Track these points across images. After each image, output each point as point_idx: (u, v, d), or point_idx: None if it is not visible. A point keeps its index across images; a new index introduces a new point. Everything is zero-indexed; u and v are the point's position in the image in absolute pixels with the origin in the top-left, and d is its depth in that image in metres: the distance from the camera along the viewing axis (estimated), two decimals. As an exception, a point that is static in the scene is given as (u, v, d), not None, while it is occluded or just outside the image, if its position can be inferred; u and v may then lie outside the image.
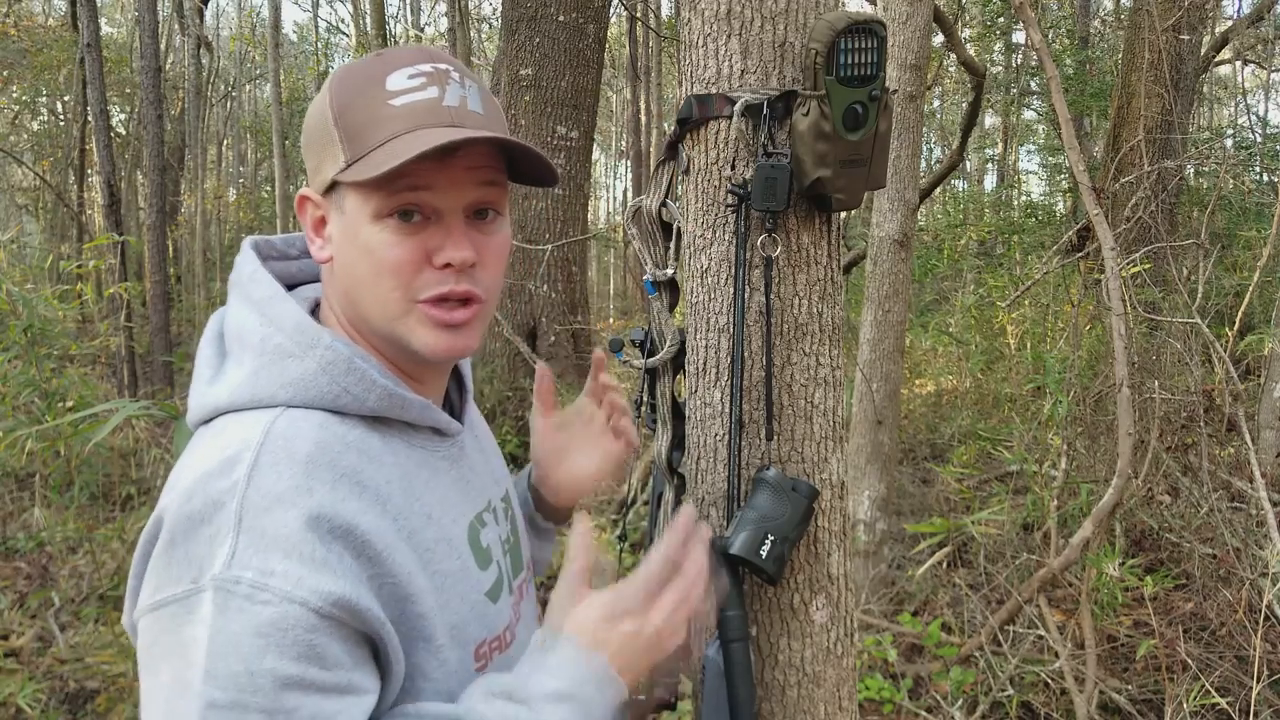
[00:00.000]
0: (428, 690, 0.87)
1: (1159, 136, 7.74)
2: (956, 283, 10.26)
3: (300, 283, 1.01)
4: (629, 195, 21.32)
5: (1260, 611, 3.03)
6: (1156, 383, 4.15)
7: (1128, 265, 4.04)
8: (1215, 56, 10.49)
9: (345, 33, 22.33)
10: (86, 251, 8.74)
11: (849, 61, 1.10)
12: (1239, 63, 16.31)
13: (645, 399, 1.32)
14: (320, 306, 0.97)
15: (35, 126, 18.80)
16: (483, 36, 20.01)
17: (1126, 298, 3.41)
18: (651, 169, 1.31)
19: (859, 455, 4.02)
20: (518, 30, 6.51)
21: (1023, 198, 16.24)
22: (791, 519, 1.13)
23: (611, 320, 18.94)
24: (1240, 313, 4.31)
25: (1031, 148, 19.59)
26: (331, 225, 0.91)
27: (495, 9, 20.75)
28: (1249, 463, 3.56)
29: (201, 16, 14.82)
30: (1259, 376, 5.35)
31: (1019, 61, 15.76)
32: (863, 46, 1.11)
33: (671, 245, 1.30)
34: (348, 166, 0.87)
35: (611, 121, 26.45)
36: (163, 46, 14.62)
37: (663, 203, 1.30)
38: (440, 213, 0.88)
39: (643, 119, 16.75)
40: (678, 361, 1.31)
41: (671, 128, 1.26)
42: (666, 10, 15.82)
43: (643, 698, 1.17)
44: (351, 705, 0.78)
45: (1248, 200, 9.51)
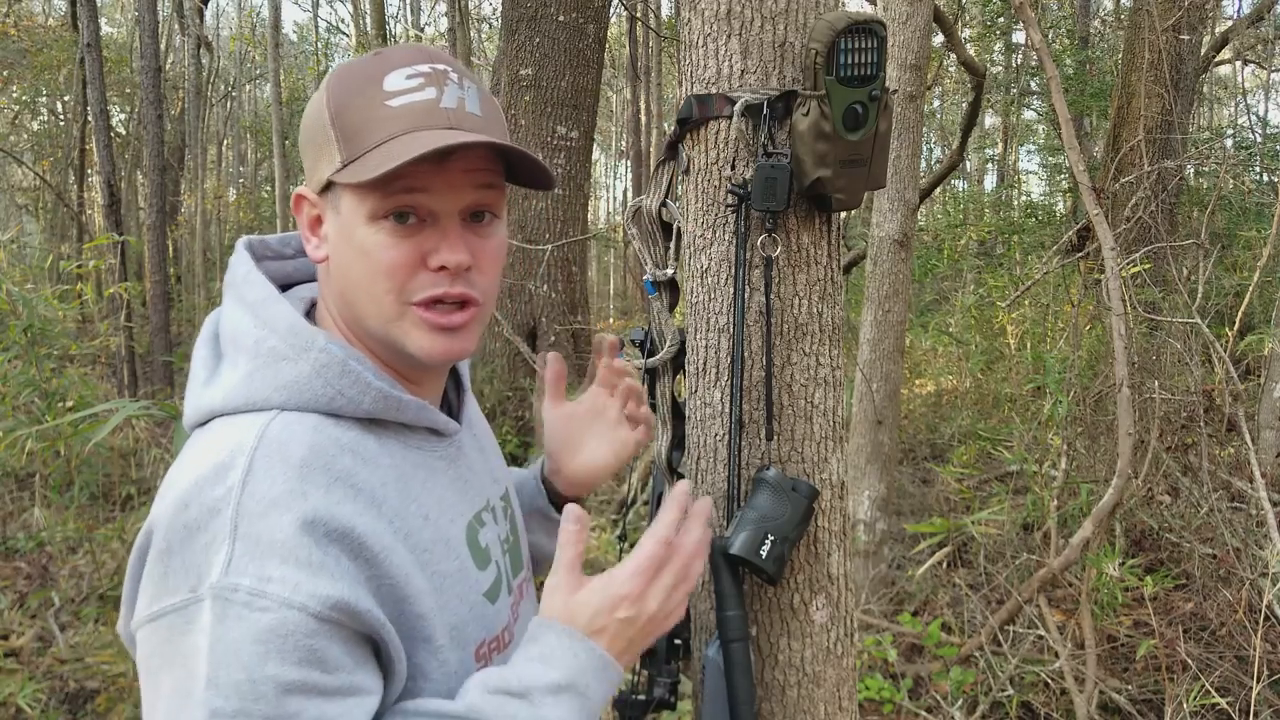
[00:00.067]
0: (428, 691, 0.87)
1: (1159, 136, 7.74)
2: (956, 283, 10.27)
3: (297, 282, 1.01)
4: (629, 195, 21.32)
5: (1260, 611, 3.03)
6: (1156, 383, 4.15)
7: (1128, 265, 4.04)
8: (1215, 56, 10.49)
9: (345, 33, 22.36)
10: (86, 251, 8.74)
11: (849, 61, 1.10)
12: (1239, 63, 16.31)
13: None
14: (316, 306, 0.97)
15: (35, 126, 18.81)
16: (483, 36, 20.02)
17: (1126, 298, 3.41)
18: (651, 169, 1.31)
19: (859, 455, 4.02)
20: (518, 30, 6.51)
21: (1023, 198, 16.24)
22: (791, 519, 1.13)
23: (611, 320, 18.94)
24: (1240, 313, 4.31)
25: (1031, 148, 19.61)
26: (327, 225, 0.91)
27: (495, 9, 20.76)
28: (1249, 463, 3.56)
29: (201, 16, 14.82)
30: (1259, 376, 5.35)
31: (1019, 61, 15.77)
32: (863, 46, 1.11)
33: (671, 245, 1.30)
34: (343, 167, 0.86)
35: (611, 121, 26.45)
36: (163, 46, 14.62)
37: (663, 203, 1.30)
38: (436, 215, 0.88)
39: (643, 119, 16.75)
40: (678, 361, 1.31)
41: (671, 128, 1.26)
42: (666, 10, 15.82)
43: (643, 697, 1.17)
44: (354, 707, 0.78)
45: (1248, 200, 9.51)
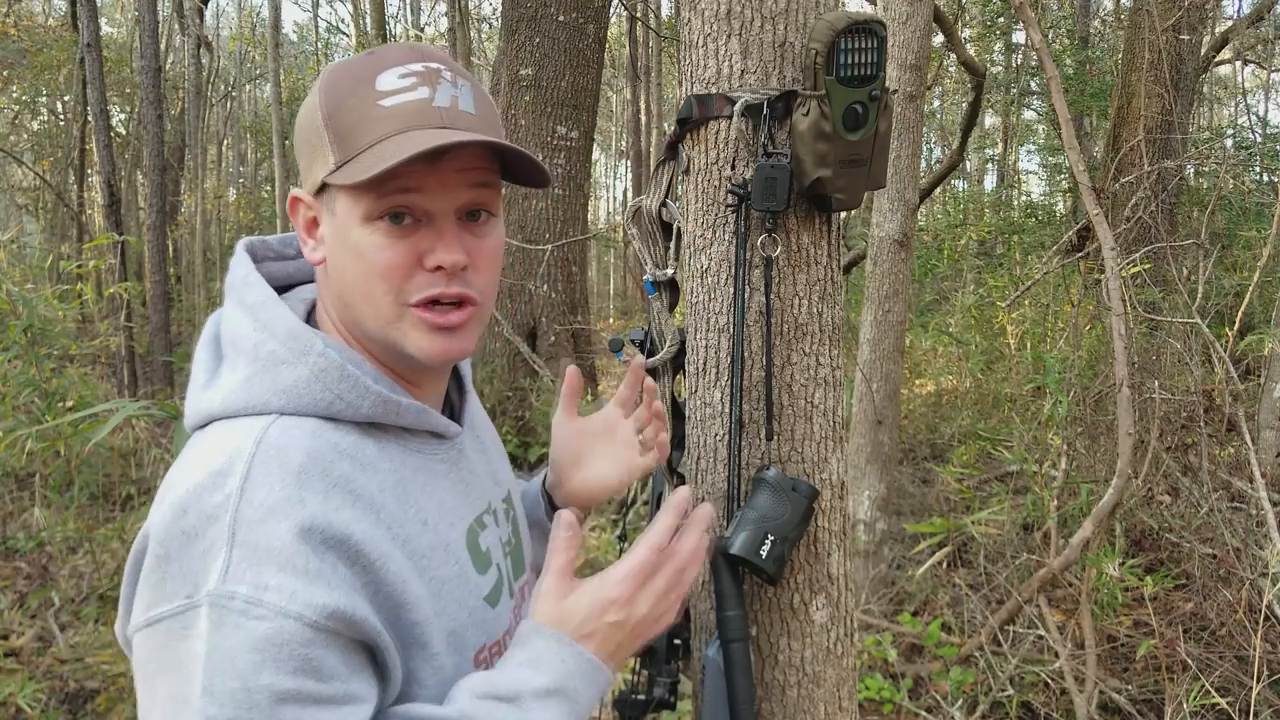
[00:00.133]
0: (421, 696, 0.87)
1: (1159, 136, 7.73)
2: (956, 283, 10.26)
3: (299, 282, 1.01)
4: (629, 195, 21.32)
5: (1260, 611, 3.03)
6: (1156, 383, 4.15)
7: (1128, 265, 4.04)
8: (1215, 56, 10.49)
9: (345, 33, 22.36)
10: (86, 251, 8.74)
11: (849, 61, 1.11)
12: (1239, 63, 16.31)
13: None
14: (316, 308, 0.97)
15: (35, 126, 18.80)
16: (483, 36, 20.02)
17: (1126, 298, 3.41)
18: (651, 169, 1.31)
19: (859, 455, 4.02)
20: (518, 30, 6.51)
21: (1023, 198, 16.24)
22: (791, 519, 1.13)
23: (611, 320, 18.95)
24: (1240, 313, 4.31)
25: (1031, 148, 19.60)
26: (323, 227, 0.91)
27: (495, 9, 20.76)
28: (1249, 463, 3.56)
29: (201, 16, 14.81)
30: (1259, 376, 5.35)
31: (1019, 61, 15.76)
32: (863, 46, 1.11)
33: (671, 245, 1.30)
34: (337, 168, 0.86)
35: (611, 121, 26.45)
36: (163, 46, 14.62)
37: (663, 203, 1.30)
38: (431, 215, 0.87)
39: (643, 119, 16.75)
40: (678, 361, 1.31)
41: (671, 128, 1.26)
42: (666, 10, 15.82)
43: (643, 697, 1.17)
44: (349, 715, 0.78)
45: (1248, 200, 9.50)
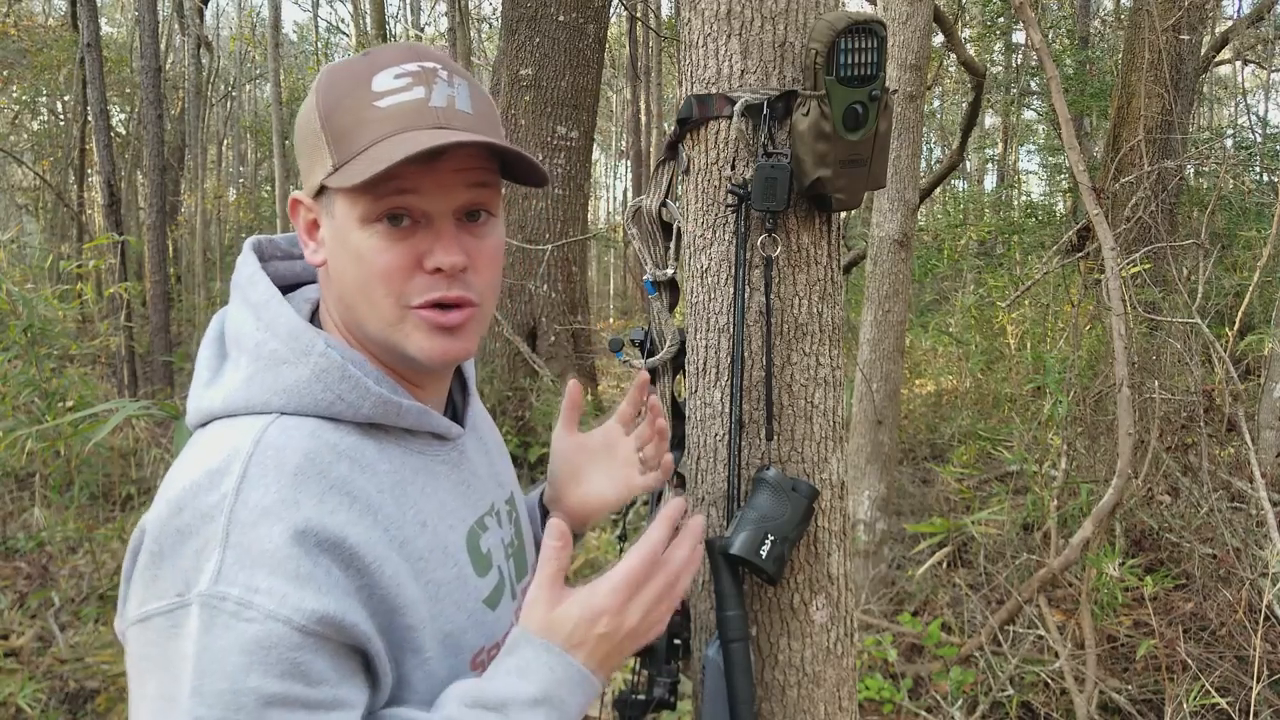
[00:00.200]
0: (412, 701, 0.86)
1: (1159, 136, 7.73)
2: (956, 283, 10.26)
3: (305, 282, 1.01)
4: (629, 195, 21.32)
5: (1260, 611, 3.03)
6: (1156, 383, 4.15)
7: (1128, 265, 4.04)
8: (1215, 56, 10.49)
9: (345, 33, 22.35)
10: (86, 251, 8.74)
11: (849, 61, 1.11)
12: (1239, 63, 16.31)
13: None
14: (319, 308, 0.97)
15: (35, 126, 18.79)
16: (483, 36, 20.01)
17: (1126, 298, 3.41)
18: (651, 169, 1.31)
19: (859, 455, 4.02)
20: (518, 30, 6.51)
21: (1023, 198, 16.23)
22: (791, 519, 1.13)
23: (611, 320, 18.95)
24: (1240, 313, 4.31)
25: (1031, 148, 19.60)
26: (323, 229, 0.90)
27: (495, 9, 20.76)
28: (1249, 463, 3.56)
29: (201, 16, 14.82)
30: (1259, 376, 5.35)
31: (1019, 61, 15.76)
32: (863, 46, 1.11)
33: (671, 245, 1.30)
34: (334, 171, 0.86)
35: (611, 121, 26.44)
36: (163, 46, 14.62)
37: (663, 203, 1.30)
38: (430, 216, 0.87)
39: (643, 119, 16.75)
40: (678, 361, 1.31)
41: (671, 128, 1.26)
42: (666, 10, 15.82)
43: (643, 697, 1.17)
44: None
45: (1248, 200, 9.50)
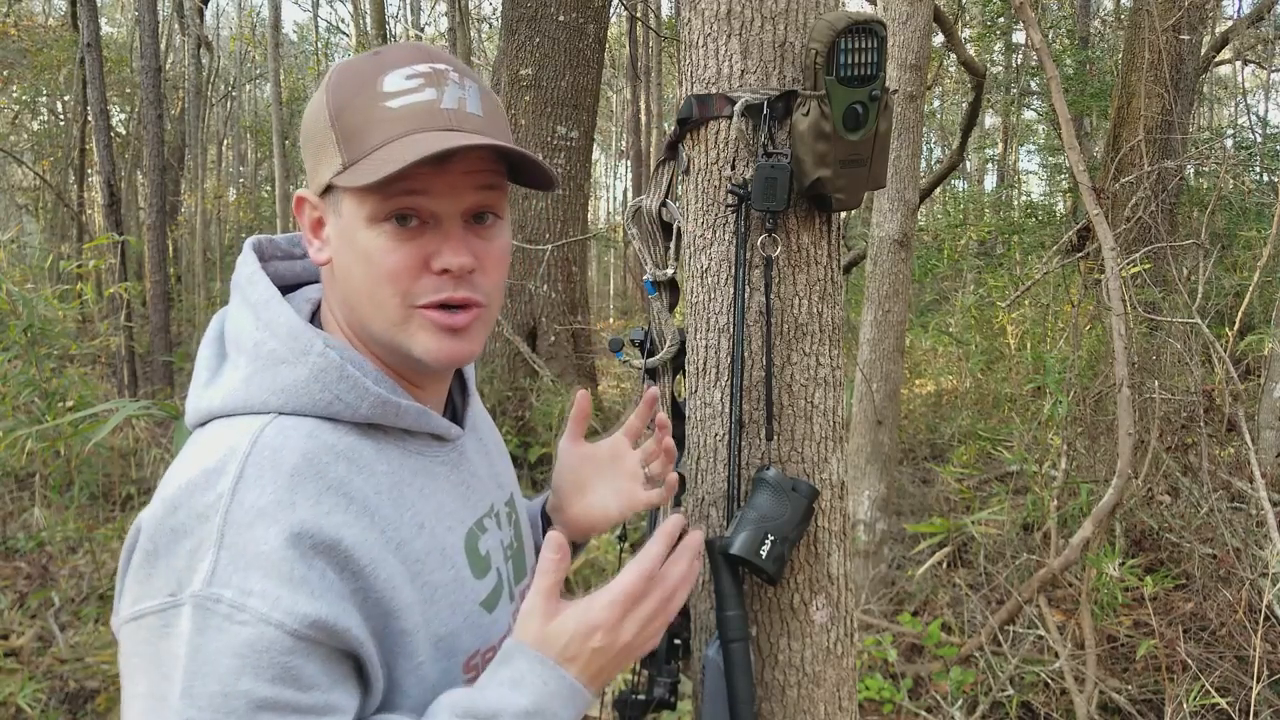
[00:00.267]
0: (405, 705, 0.86)
1: (1159, 136, 7.73)
2: (956, 283, 10.26)
3: (306, 282, 1.01)
4: (629, 195, 21.32)
5: (1260, 611, 3.03)
6: (1156, 383, 4.15)
7: (1128, 265, 4.04)
8: (1215, 56, 10.49)
9: (345, 33, 22.35)
10: (86, 251, 8.74)
11: (849, 61, 1.11)
12: (1239, 63, 16.30)
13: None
14: (320, 308, 0.97)
15: (35, 126, 18.78)
16: (483, 36, 20.01)
17: (1126, 298, 3.41)
18: (651, 169, 1.31)
19: (859, 455, 4.02)
20: (518, 30, 6.51)
21: (1023, 198, 16.24)
22: (791, 519, 1.13)
23: (611, 320, 18.94)
24: (1240, 313, 4.31)
25: (1031, 148, 19.59)
26: (329, 227, 0.90)
27: (495, 9, 20.77)
28: (1249, 463, 3.56)
29: (201, 16, 14.81)
30: (1259, 376, 5.35)
31: (1019, 61, 15.76)
32: (863, 46, 1.11)
33: (671, 245, 1.30)
34: (344, 170, 0.86)
35: (611, 121, 26.44)
36: (163, 46, 14.62)
37: (663, 203, 1.30)
38: (438, 217, 0.87)
39: (643, 119, 16.76)
40: (678, 361, 1.31)
41: (671, 128, 1.26)
42: (666, 10, 15.82)
43: (643, 697, 1.17)
44: None
45: (1248, 200, 9.50)
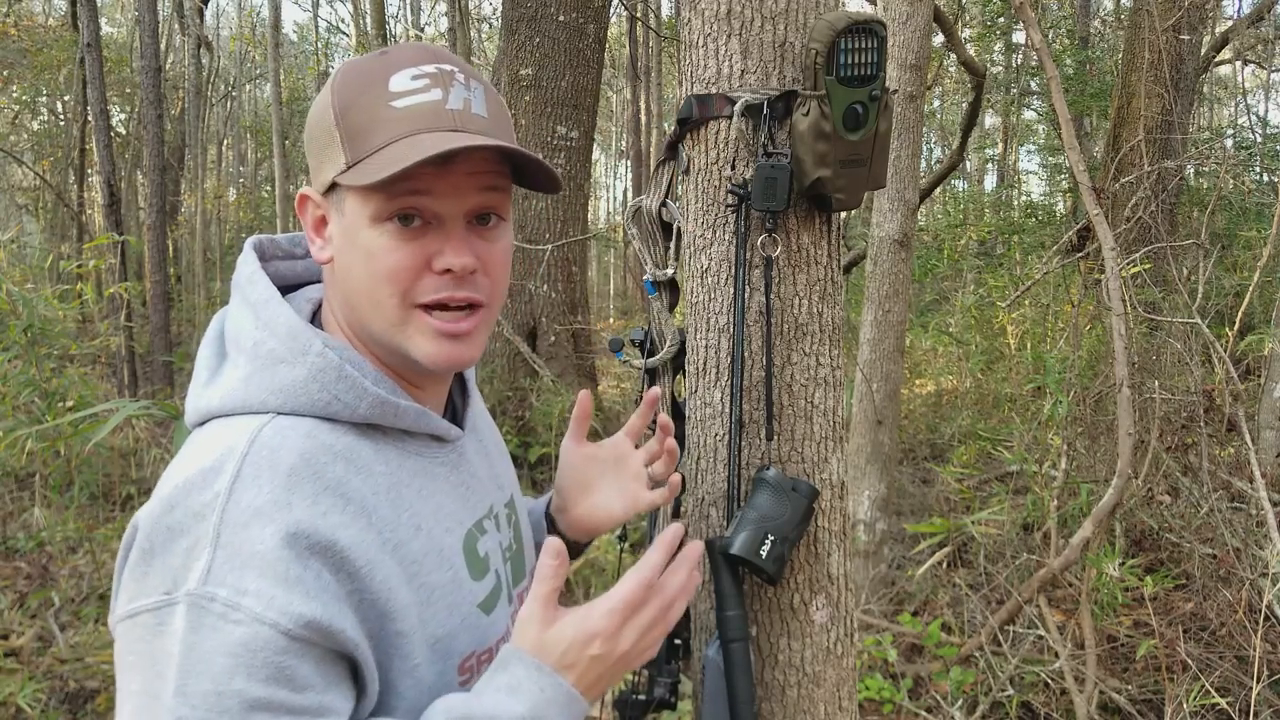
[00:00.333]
0: (400, 708, 0.86)
1: (1159, 136, 7.73)
2: (956, 283, 10.25)
3: (307, 282, 1.01)
4: (629, 195, 21.32)
5: (1260, 611, 3.03)
6: (1156, 383, 4.15)
7: (1128, 265, 4.04)
8: (1215, 56, 10.49)
9: (345, 32, 22.35)
10: (86, 251, 8.74)
11: (849, 61, 1.11)
12: (1239, 63, 16.30)
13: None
14: (321, 308, 0.97)
15: (35, 126, 18.78)
16: (483, 36, 20.01)
17: (1126, 298, 3.41)
18: (651, 169, 1.31)
19: (859, 455, 4.02)
20: (518, 30, 6.51)
21: (1023, 198, 16.24)
22: (791, 519, 1.12)
23: (611, 320, 18.94)
24: (1240, 313, 4.31)
25: (1031, 148, 19.58)
26: (332, 226, 0.90)
27: (495, 9, 20.77)
28: (1249, 463, 3.56)
29: (201, 16, 14.82)
30: (1259, 376, 5.34)
31: (1019, 61, 15.76)
32: (863, 46, 1.11)
33: (671, 245, 1.30)
34: (348, 169, 0.86)
35: (611, 121, 26.44)
36: (163, 46, 14.61)
37: (663, 203, 1.30)
38: (441, 218, 0.87)
39: (643, 119, 16.76)
40: (678, 361, 1.31)
41: (671, 128, 1.26)
42: (666, 10, 15.82)
43: (643, 697, 1.17)
44: None
45: (1248, 200, 9.50)
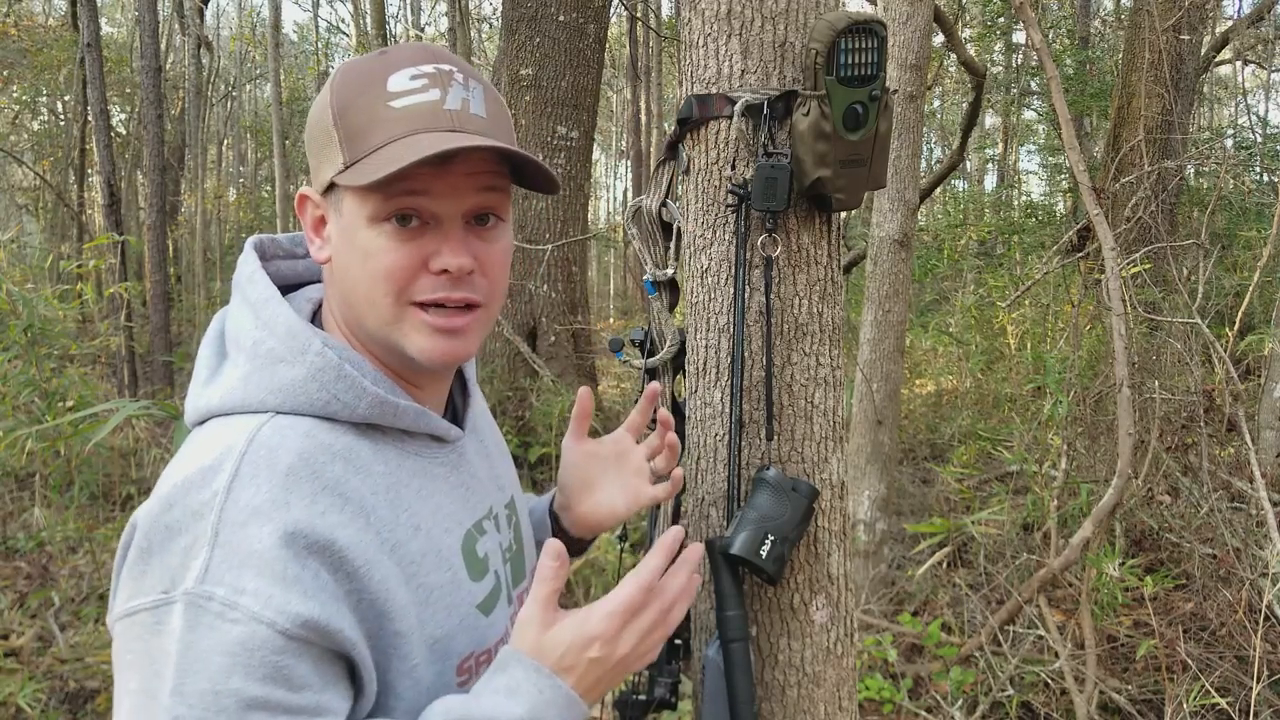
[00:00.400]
0: (398, 709, 0.86)
1: (1159, 136, 7.73)
2: (956, 283, 10.25)
3: (308, 281, 1.01)
4: (629, 195, 21.32)
5: (1260, 611, 3.03)
6: (1156, 383, 4.15)
7: (1128, 265, 4.04)
8: (1215, 56, 10.49)
9: (345, 33, 22.35)
10: (86, 251, 8.75)
11: (849, 61, 1.11)
12: (1239, 63, 16.30)
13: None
14: (321, 308, 0.97)
15: (35, 126, 18.78)
16: (483, 36, 20.01)
17: (1126, 298, 3.41)
18: (651, 169, 1.31)
19: (859, 455, 4.01)
20: (518, 30, 6.51)
21: (1023, 198, 16.23)
22: (791, 519, 1.12)
23: (611, 320, 18.94)
24: (1240, 313, 4.31)
25: (1031, 148, 19.57)
26: (330, 226, 0.90)
27: (495, 9, 20.76)
28: (1249, 463, 3.56)
29: (201, 16, 14.82)
30: (1259, 376, 5.34)
31: (1019, 61, 15.75)
32: (863, 46, 1.11)
33: (671, 245, 1.30)
34: (345, 169, 0.86)
35: (611, 121, 26.43)
36: (163, 46, 14.61)
37: (663, 203, 1.30)
38: (439, 218, 0.87)
39: (643, 119, 16.75)
40: (678, 361, 1.31)
41: (671, 128, 1.26)
42: (666, 10, 15.83)
43: (643, 697, 1.17)
44: None
45: (1248, 200, 9.50)
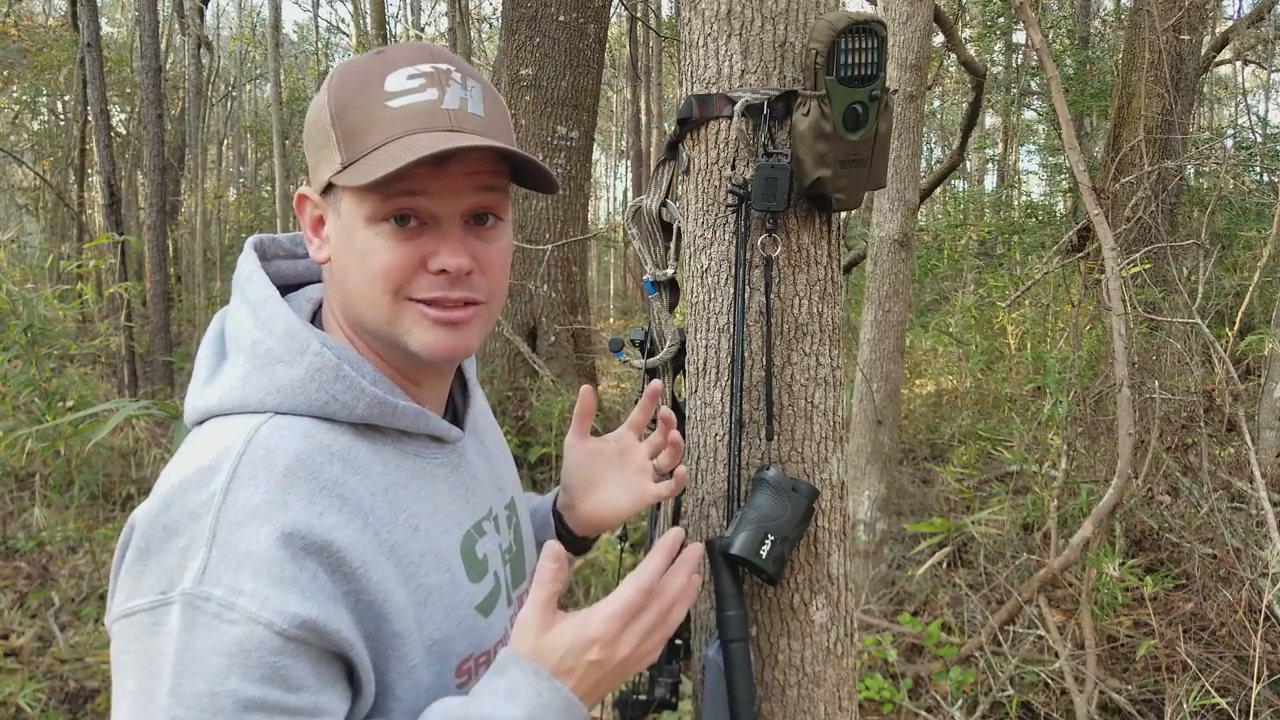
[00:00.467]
0: (397, 710, 0.86)
1: (1159, 136, 7.73)
2: (956, 283, 10.25)
3: (308, 281, 1.01)
4: (629, 195, 21.32)
5: (1260, 611, 3.03)
6: (1156, 383, 4.15)
7: (1128, 265, 4.04)
8: (1215, 56, 10.49)
9: (345, 32, 22.35)
10: (86, 251, 8.75)
11: (849, 61, 1.11)
12: (1239, 63, 16.30)
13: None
14: (322, 308, 0.97)
15: (35, 126, 18.77)
16: (483, 36, 20.01)
17: (1126, 298, 3.41)
18: (651, 169, 1.31)
19: (859, 455, 4.01)
20: (518, 30, 6.51)
21: (1023, 198, 16.23)
22: (791, 519, 1.12)
23: (611, 320, 18.94)
24: (1240, 313, 4.31)
25: (1031, 148, 19.56)
26: (329, 226, 0.90)
27: (495, 9, 20.76)
28: (1249, 463, 3.56)
29: (201, 16, 14.82)
30: (1259, 376, 5.34)
31: (1019, 61, 15.75)
32: (863, 46, 1.11)
33: (671, 245, 1.30)
34: (343, 169, 0.86)
35: (611, 121, 26.43)
36: (163, 46, 14.61)
37: (663, 203, 1.30)
38: (437, 218, 0.87)
39: (643, 119, 16.75)
40: (678, 361, 1.31)
41: (671, 128, 1.26)
42: (666, 10, 15.83)
43: (643, 697, 1.17)
44: None
45: (1248, 200, 9.51)
